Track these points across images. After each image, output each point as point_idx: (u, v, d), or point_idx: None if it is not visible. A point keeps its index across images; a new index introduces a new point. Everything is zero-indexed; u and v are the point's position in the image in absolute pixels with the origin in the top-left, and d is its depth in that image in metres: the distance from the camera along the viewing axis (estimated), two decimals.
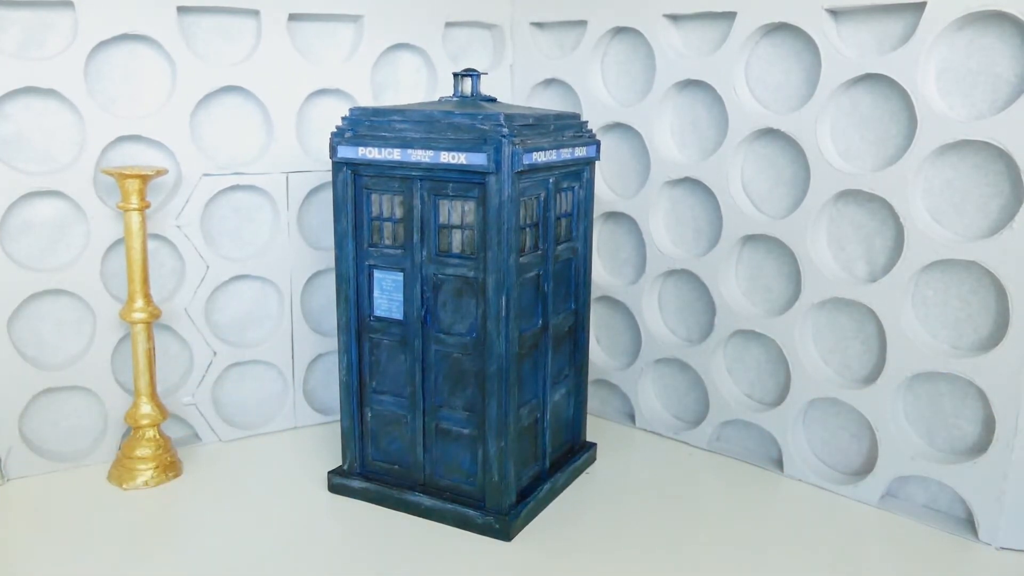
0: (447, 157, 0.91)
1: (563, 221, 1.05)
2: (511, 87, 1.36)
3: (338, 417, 1.20)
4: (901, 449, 1.03)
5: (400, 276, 0.98)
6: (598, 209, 1.27)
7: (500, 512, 0.97)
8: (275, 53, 1.17)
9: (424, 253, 0.97)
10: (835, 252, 1.09)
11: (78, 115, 1.08)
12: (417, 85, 1.31)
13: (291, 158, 1.21)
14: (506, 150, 0.89)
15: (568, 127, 1.02)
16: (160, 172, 1.05)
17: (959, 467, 0.98)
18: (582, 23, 1.27)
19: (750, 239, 1.16)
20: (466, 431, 0.99)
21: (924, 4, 0.95)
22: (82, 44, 1.06)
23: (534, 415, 1.04)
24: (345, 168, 0.98)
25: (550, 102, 1.34)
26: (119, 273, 1.12)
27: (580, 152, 1.03)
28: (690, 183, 1.20)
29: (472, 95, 1.02)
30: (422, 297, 0.98)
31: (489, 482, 0.97)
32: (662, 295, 1.27)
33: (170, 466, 1.10)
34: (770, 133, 1.12)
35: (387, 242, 0.99)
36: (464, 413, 0.99)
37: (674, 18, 1.18)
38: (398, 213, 0.97)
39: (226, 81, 1.15)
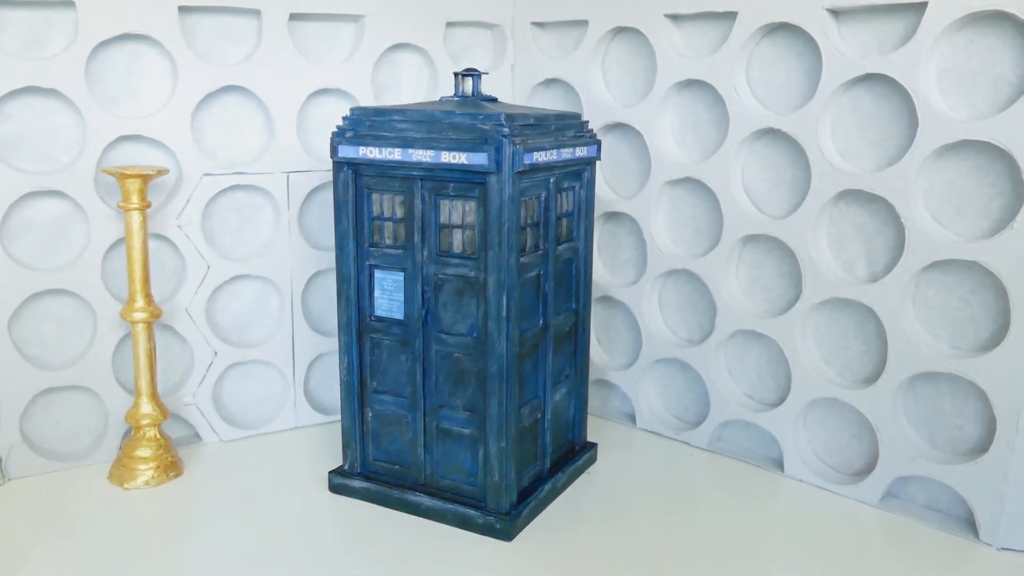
0: (448, 157, 0.91)
1: (564, 221, 1.05)
2: (512, 87, 1.36)
3: (339, 417, 1.20)
4: (901, 449, 1.03)
5: (401, 276, 0.98)
6: (599, 209, 1.27)
7: (501, 512, 0.97)
8: (276, 53, 1.17)
9: (425, 253, 0.97)
10: (836, 252, 1.09)
11: (79, 115, 1.08)
12: (418, 85, 1.31)
13: (292, 158, 1.21)
14: (507, 150, 0.89)
15: (569, 127, 1.02)
16: (161, 172, 1.05)
17: (960, 467, 0.98)
18: (583, 23, 1.27)
19: (750, 239, 1.16)
20: (467, 431, 0.99)
21: (925, 4, 0.95)
22: (83, 44, 1.06)
23: (535, 415, 1.04)
24: (346, 168, 0.98)
25: (551, 102, 1.34)
26: (120, 273, 1.12)
27: (581, 152, 1.03)
28: (691, 183, 1.20)
29: (473, 95, 1.02)
30: (423, 297, 0.98)
31: (490, 482, 0.97)
32: (662, 295, 1.27)
33: (171, 466, 1.10)
34: (771, 133, 1.12)
35: (388, 242, 0.99)
36: (465, 413, 0.99)
37: (675, 18, 1.18)
38: (399, 213, 0.97)
39: (227, 81, 1.16)
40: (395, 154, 0.94)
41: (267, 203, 1.22)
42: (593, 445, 1.17)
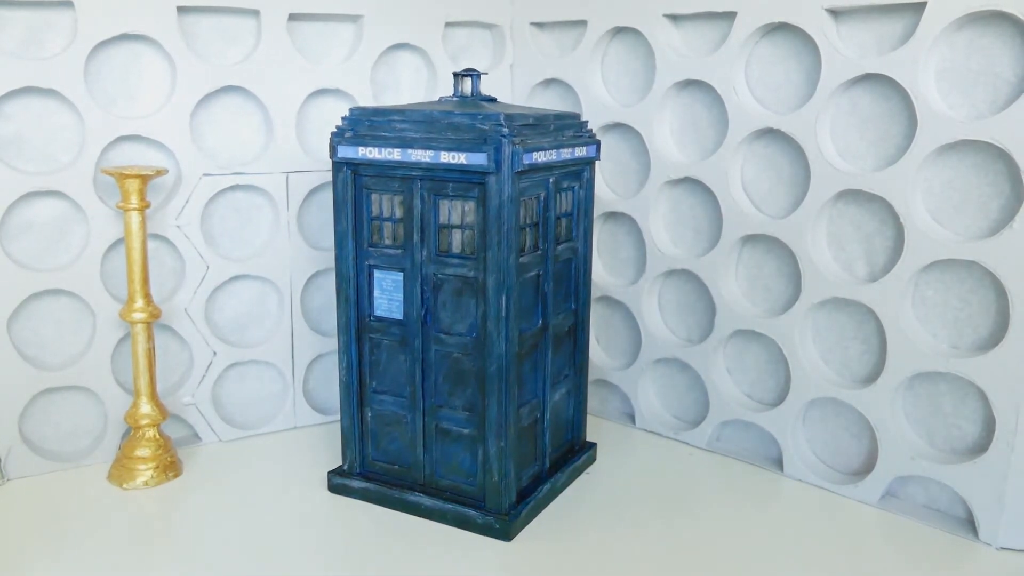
0: (447, 157, 0.91)
1: (563, 221, 1.05)
2: (511, 87, 1.36)
3: (338, 417, 1.20)
4: (901, 449, 1.03)
5: (400, 276, 0.98)
6: (598, 209, 1.27)
7: (500, 512, 0.97)
8: (275, 53, 1.17)
9: (424, 253, 0.97)
10: (835, 252, 1.09)
11: (78, 115, 1.08)
12: (417, 85, 1.31)
13: (291, 158, 1.21)
14: (506, 150, 0.89)
15: (568, 127, 1.02)
16: (160, 172, 1.05)
17: (959, 467, 0.98)
18: (582, 23, 1.27)
19: (750, 239, 1.16)
20: (466, 431, 0.99)
21: (924, 4, 0.95)
22: (82, 44, 1.06)
23: (534, 415, 1.04)
24: (345, 168, 0.98)
25: (550, 102, 1.34)
26: (119, 273, 1.12)
27: (580, 152, 1.03)
28: (690, 183, 1.20)
29: (472, 95, 1.02)
30: (422, 297, 0.98)
31: (489, 482, 0.97)
32: (662, 295, 1.27)
33: (170, 466, 1.10)
34: (770, 133, 1.12)
35: (387, 242, 0.99)
36: (464, 413, 0.99)
37: (674, 18, 1.18)
38: (398, 213, 0.97)
39: (226, 81, 1.15)
40: (394, 154, 0.94)
41: (266, 203, 1.22)
42: (592, 445, 1.17)
